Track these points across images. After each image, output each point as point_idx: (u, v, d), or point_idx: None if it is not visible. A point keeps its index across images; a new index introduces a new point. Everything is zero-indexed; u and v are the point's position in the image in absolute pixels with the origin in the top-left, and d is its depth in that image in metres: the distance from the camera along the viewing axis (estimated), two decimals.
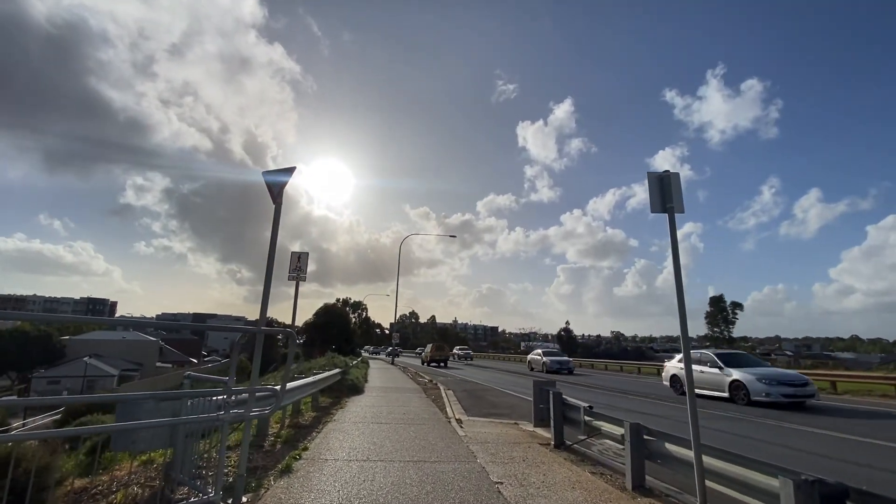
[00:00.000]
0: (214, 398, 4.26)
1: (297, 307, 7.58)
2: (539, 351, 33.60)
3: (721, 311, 59.77)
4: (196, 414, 4.10)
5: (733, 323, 59.55)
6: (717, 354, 14.99)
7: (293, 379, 8.91)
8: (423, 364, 37.17)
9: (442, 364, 36.23)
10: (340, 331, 50.05)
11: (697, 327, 61.68)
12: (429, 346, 39.06)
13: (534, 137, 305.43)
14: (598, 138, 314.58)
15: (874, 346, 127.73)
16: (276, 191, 4.68)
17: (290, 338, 5.02)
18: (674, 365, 17.26)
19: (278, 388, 4.78)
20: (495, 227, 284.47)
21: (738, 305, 60.03)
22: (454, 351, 48.89)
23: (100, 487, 4.35)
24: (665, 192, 4.37)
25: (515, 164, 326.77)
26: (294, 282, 7.26)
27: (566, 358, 31.32)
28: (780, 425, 9.59)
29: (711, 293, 78.75)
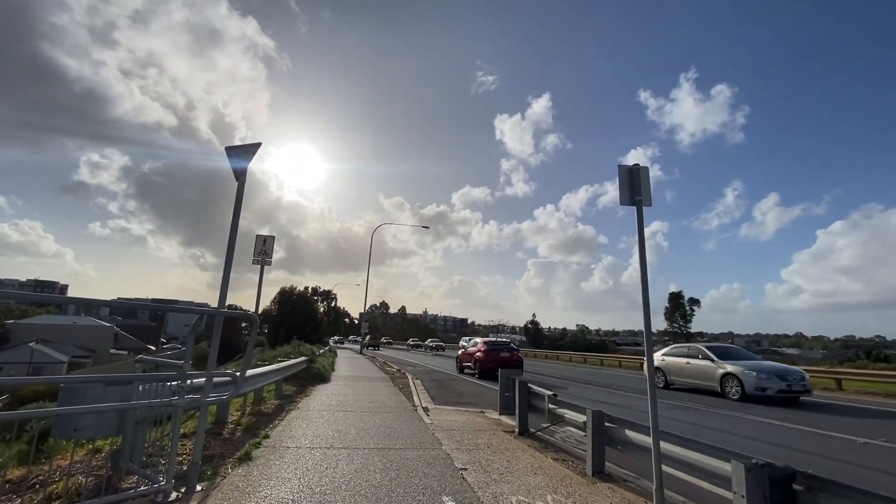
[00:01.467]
0: (169, 384, 4.06)
1: (261, 293, 7.34)
2: (705, 348, 14.35)
3: (679, 308, 62.37)
4: (148, 399, 3.89)
5: (691, 319, 62.31)
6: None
7: (256, 366, 8.65)
8: (362, 348, 47.40)
9: (376, 348, 52.30)
10: (307, 319, 49.25)
11: (657, 323, 64.10)
12: (367, 336, 52.26)
13: (511, 131, 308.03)
14: (573, 135, 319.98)
15: (817, 343, 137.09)
16: (239, 167, 4.46)
17: (252, 323, 4.86)
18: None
19: (237, 374, 4.60)
20: (469, 220, 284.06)
21: (695, 302, 62.85)
22: (426, 343, 55.20)
23: (39, 477, 4.07)
24: (634, 185, 4.43)
25: (492, 157, 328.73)
26: (259, 266, 7.00)
27: (792, 367, 13.67)
28: (774, 423, 8.80)
29: (673, 290, 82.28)
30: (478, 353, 19.10)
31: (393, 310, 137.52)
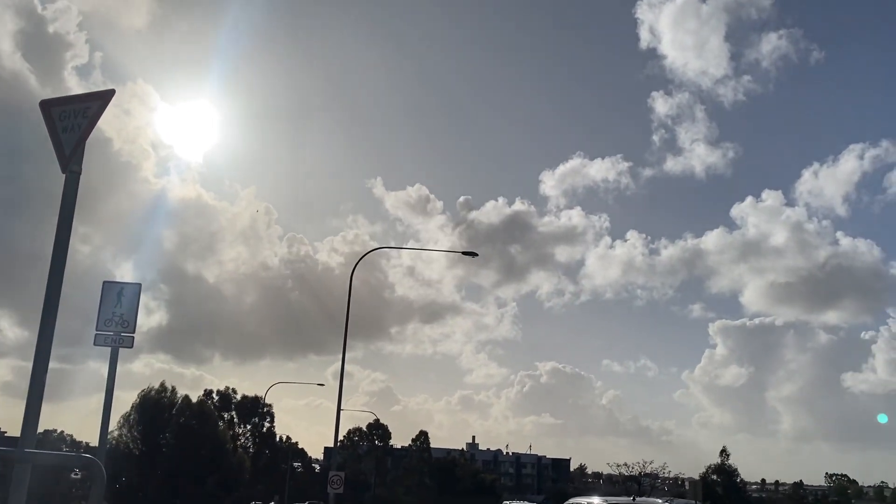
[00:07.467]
0: None
1: (111, 406, 4.37)
2: None
3: None
4: None
5: None
6: None
7: None
8: None
9: None
10: (208, 459, 26.69)
11: None
12: None
13: (675, 26, 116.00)
14: (824, 29, 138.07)
15: None
16: (68, 143, 2.47)
17: (92, 475, 2.21)
18: None
19: None
20: (580, 230, 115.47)
21: None
22: None
23: None
24: None
25: (631, 89, 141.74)
26: (109, 347, 4.20)
27: None
28: None
29: None
30: None
31: (401, 439, 67.16)
